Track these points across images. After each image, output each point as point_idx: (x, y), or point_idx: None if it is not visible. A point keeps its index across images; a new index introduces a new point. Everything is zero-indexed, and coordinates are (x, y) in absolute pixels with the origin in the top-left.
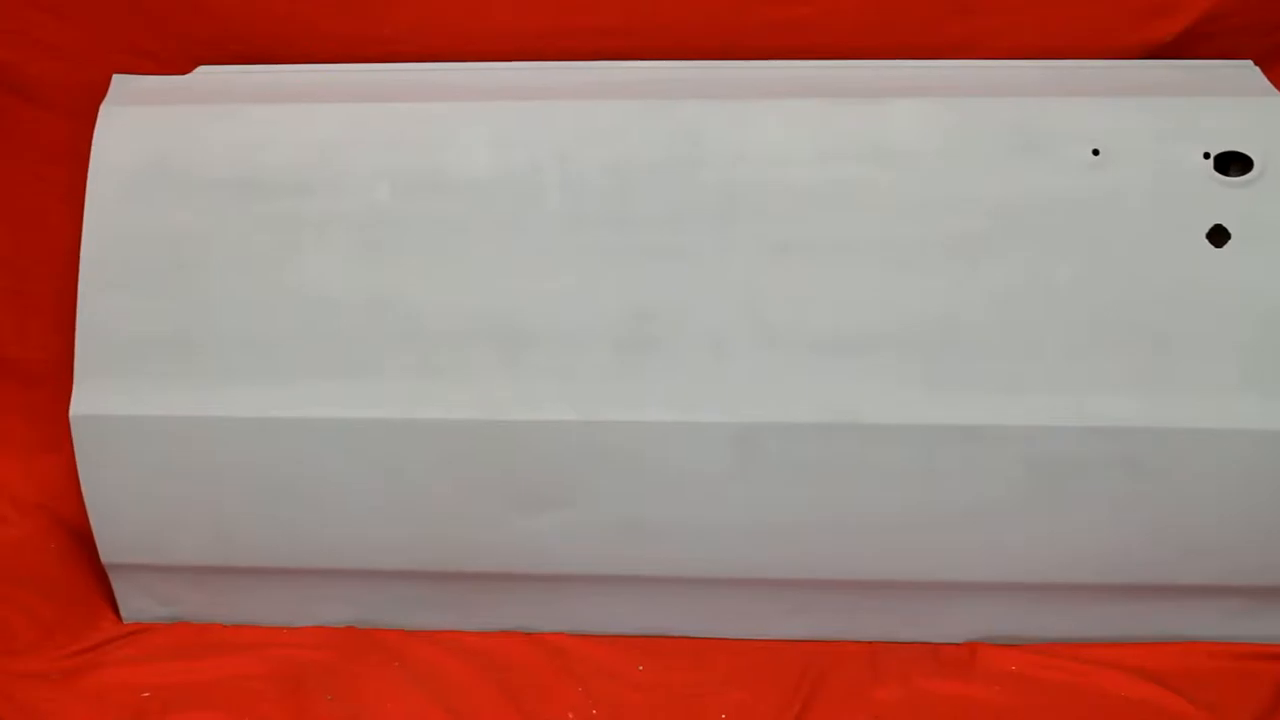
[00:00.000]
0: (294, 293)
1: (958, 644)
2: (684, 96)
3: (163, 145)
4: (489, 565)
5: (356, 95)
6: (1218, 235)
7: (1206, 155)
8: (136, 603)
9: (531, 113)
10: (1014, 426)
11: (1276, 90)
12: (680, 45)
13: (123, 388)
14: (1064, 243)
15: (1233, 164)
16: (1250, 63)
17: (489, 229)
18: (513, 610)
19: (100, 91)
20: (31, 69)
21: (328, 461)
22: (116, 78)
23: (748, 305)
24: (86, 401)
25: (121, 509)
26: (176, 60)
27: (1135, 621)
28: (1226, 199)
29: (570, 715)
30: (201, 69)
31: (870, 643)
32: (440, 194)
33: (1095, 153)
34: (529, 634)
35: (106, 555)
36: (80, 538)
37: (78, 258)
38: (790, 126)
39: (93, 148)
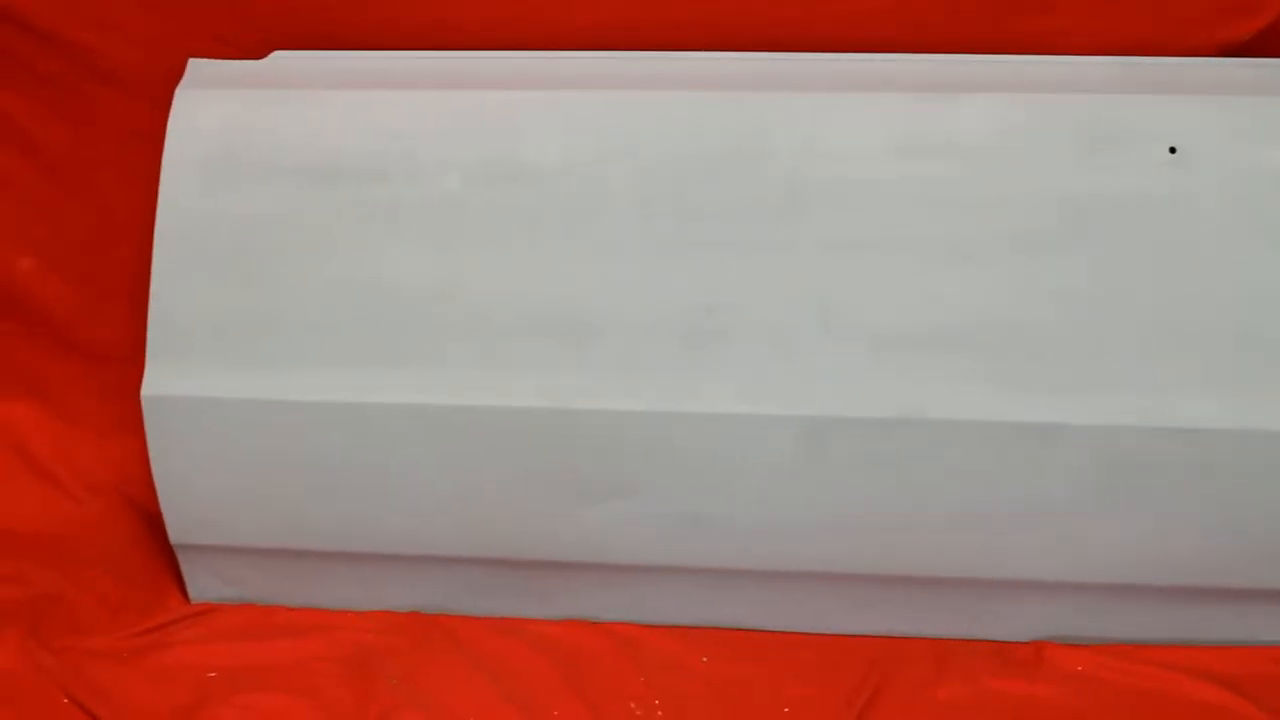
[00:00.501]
0: (364, 279)
1: (1024, 643)
2: (753, 89)
3: (237, 130)
4: (553, 554)
5: (430, 83)
6: None
7: None
8: (203, 583)
9: (602, 103)
10: (1085, 426)
11: None
12: (753, 38)
13: (194, 370)
14: (1138, 241)
15: None
16: None
17: (558, 219)
18: (577, 599)
19: (177, 76)
20: (110, 53)
21: (395, 447)
22: (192, 62)
23: (814, 299)
24: (158, 383)
25: (190, 490)
26: (252, 45)
27: (1204, 624)
28: None
29: (632, 705)
30: (276, 54)
31: (935, 640)
32: (510, 183)
33: (1172, 151)
34: (593, 623)
35: (175, 536)
36: (149, 518)
37: (152, 241)
38: (860, 121)
39: (167, 131)
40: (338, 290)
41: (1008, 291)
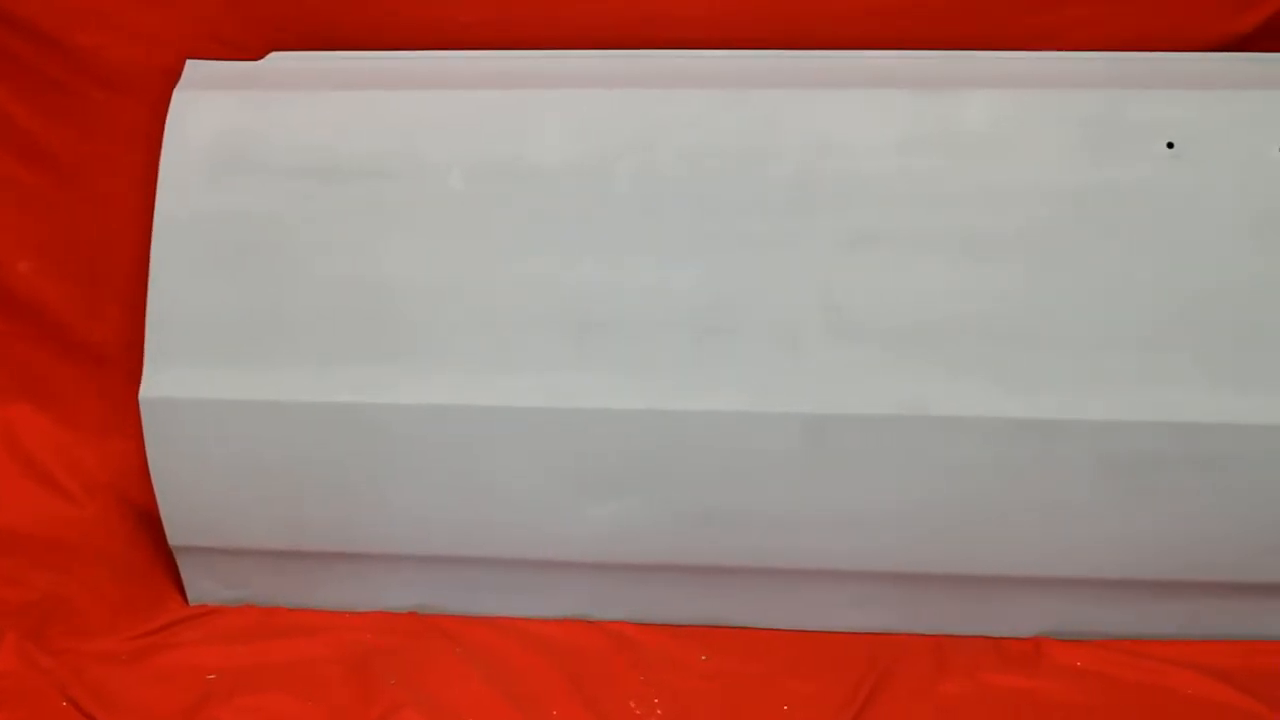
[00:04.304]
0: (364, 278)
1: (1023, 638)
2: (760, 86)
3: (235, 130)
4: (555, 553)
5: (430, 82)
6: None
7: None
8: (203, 585)
9: (609, 101)
10: (1088, 421)
11: None
12: (757, 34)
13: (192, 371)
14: (1139, 236)
15: None
16: None
17: (564, 216)
18: (577, 598)
19: (176, 77)
20: (109, 54)
21: (396, 447)
22: (190, 63)
23: (821, 295)
24: (156, 385)
25: (189, 492)
26: (251, 45)
27: (1204, 619)
28: None
29: (631, 704)
30: (274, 55)
31: (935, 636)
32: (514, 181)
33: (1170, 145)
34: (592, 622)
35: (174, 538)
36: (148, 520)
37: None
38: (867, 116)
39: (165, 132)
40: (338, 290)
41: (1010, 287)
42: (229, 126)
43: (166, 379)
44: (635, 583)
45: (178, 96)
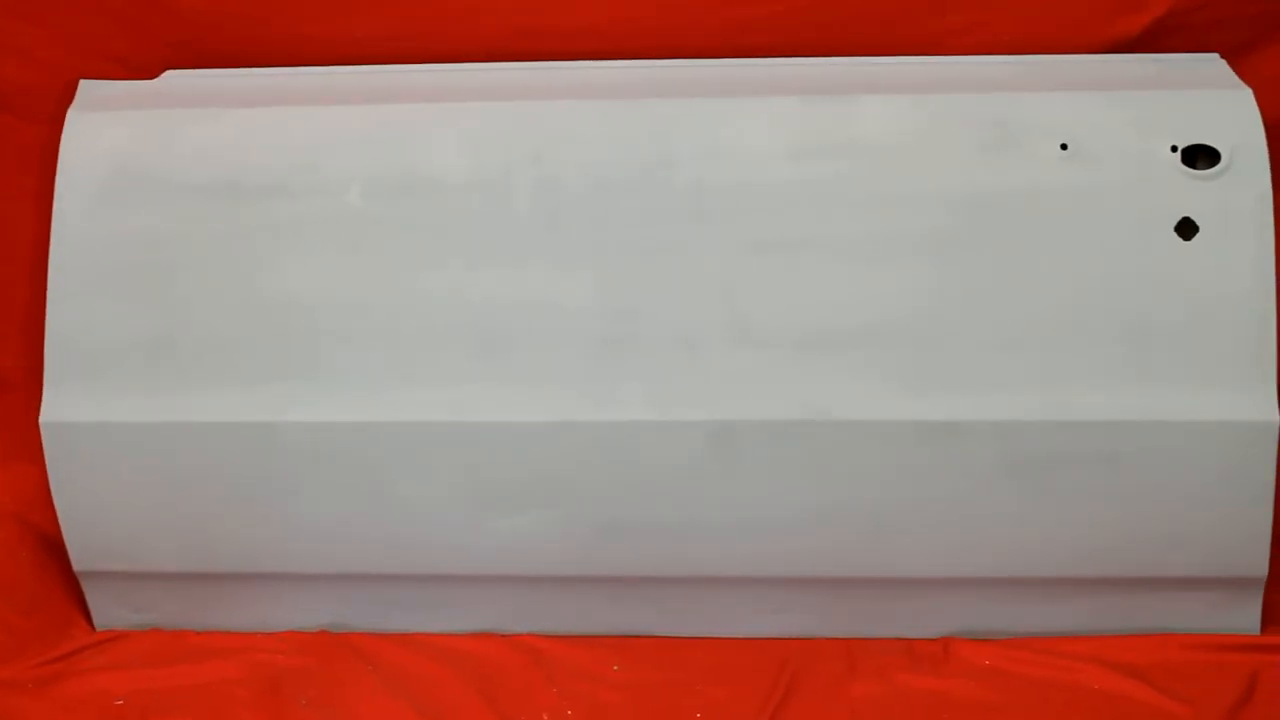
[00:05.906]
0: (265, 296)
1: (932, 639)
2: (657, 96)
3: (131, 150)
4: (463, 567)
5: (327, 98)
6: (1186, 228)
7: (1174, 148)
8: (109, 610)
9: (505, 114)
10: (989, 422)
11: (1243, 83)
12: (653, 44)
13: (93, 394)
14: (1035, 237)
15: (1200, 157)
16: (1216, 56)
17: (463, 230)
18: (487, 612)
19: (69, 97)
20: (1, 76)
21: (301, 465)
22: (83, 83)
23: (722, 303)
24: (56, 408)
25: (93, 516)
26: (146, 64)
27: (1110, 614)
28: (1194, 192)
29: (545, 716)
30: (169, 73)
31: (846, 639)
32: (414, 196)
33: (1063, 147)
34: (503, 635)
35: (78, 563)
36: (52, 545)
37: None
38: (763, 124)
39: (60, 153)
40: (238, 309)
41: (908, 291)
42: (125, 146)
43: (67, 402)
44: (546, 595)
45: (72, 117)
